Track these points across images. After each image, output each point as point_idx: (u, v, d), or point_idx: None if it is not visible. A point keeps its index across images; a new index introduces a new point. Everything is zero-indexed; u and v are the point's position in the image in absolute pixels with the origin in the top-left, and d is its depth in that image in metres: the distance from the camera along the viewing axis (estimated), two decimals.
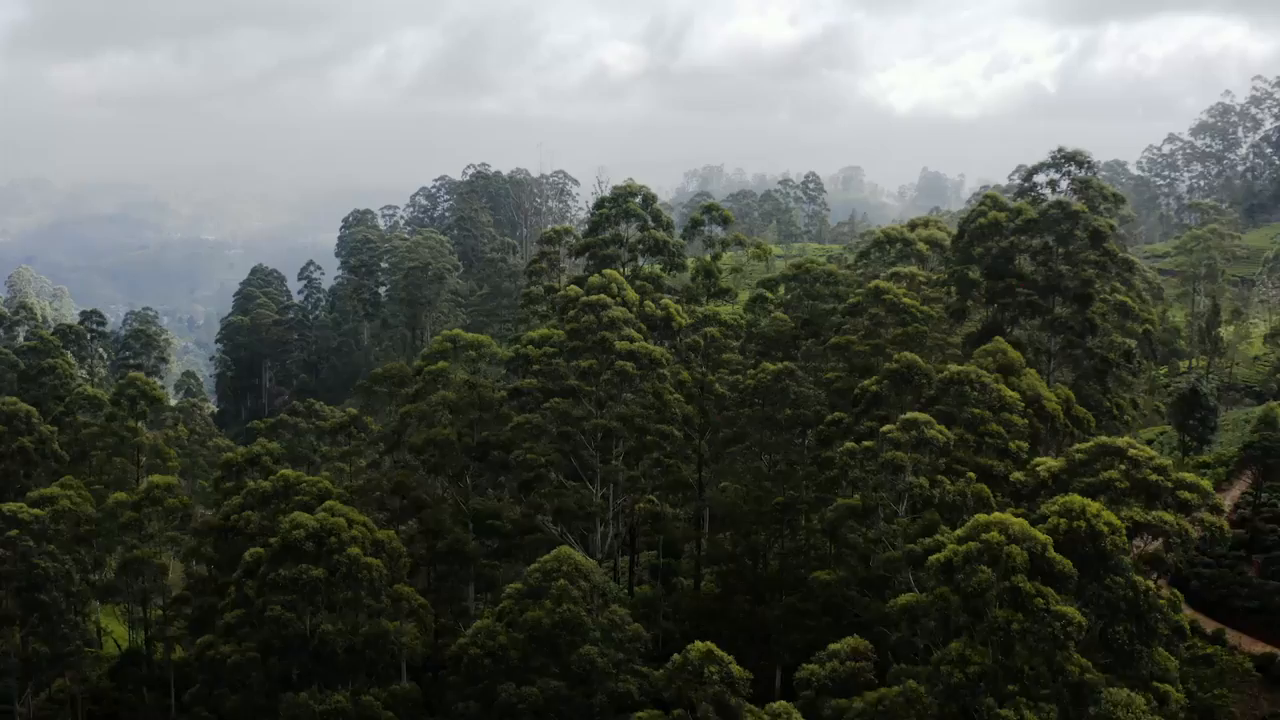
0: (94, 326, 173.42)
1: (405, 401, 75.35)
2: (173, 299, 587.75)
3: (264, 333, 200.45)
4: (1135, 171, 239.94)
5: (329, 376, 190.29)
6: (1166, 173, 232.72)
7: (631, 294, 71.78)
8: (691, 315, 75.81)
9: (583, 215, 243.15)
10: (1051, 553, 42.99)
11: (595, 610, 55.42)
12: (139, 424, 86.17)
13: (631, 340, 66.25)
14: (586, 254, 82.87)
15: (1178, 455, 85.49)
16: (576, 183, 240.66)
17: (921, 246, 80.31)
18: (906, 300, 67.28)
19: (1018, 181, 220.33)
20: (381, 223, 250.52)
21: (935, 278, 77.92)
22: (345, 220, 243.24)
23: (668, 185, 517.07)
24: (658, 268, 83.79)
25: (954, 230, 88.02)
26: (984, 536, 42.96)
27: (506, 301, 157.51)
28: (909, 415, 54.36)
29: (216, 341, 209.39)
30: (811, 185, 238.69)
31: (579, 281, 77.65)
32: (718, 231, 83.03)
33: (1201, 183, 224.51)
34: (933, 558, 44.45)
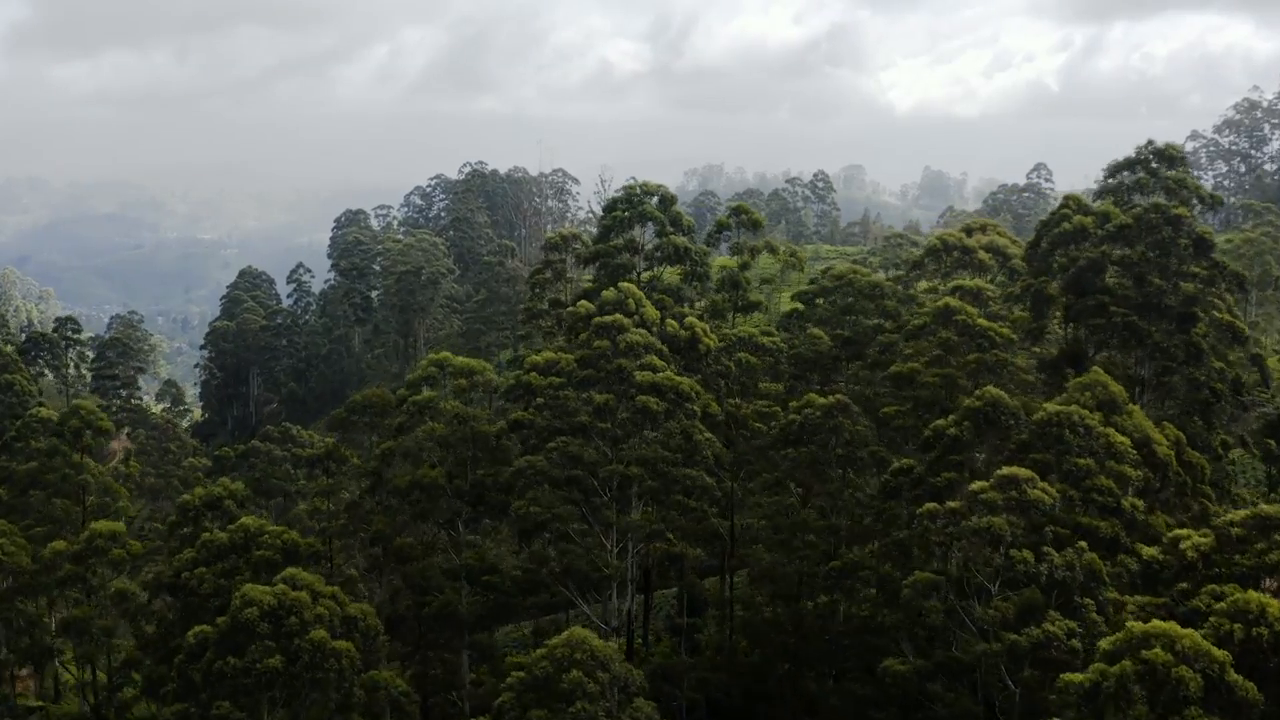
0: (69, 334, 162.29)
1: (388, 436, 64.15)
2: (167, 299, 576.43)
3: (250, 338, 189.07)
4: None
5: (318, 384, 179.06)
6: (1192, 172, 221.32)
7: (651, 311, 60.61)
8: (719, 334, 64.49)
9: (583, 215, 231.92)
10: (1231, 674, 32.00)
11: (615, 707, 44.42)
12: (84, 458, 74.79)
13: (654, 369, 55.07)
14: (596, 263, 71.65)
15: (1263, 490, 74.69)
16: (577, 181, 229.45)
17: (983, 256, 69.01)
18: (982, 323, 56.01)
19: (1034, 180, 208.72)
20: (375, 223, 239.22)
21: (1001, 293, 66.72)
22: (337, 220, 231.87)
23: (668, 184, 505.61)
24: (676, 276, 72.70)
25: (1011, 235, 77.00)
26: (1144, 654, 31.91)
27: (505, 308, 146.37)
28: (1006, 471, 43.28)
29: (201, 348, 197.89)
30: (820, 184, 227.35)
31: (589, 295, 66.54)
32: (747, 238, 71.86)
33: (1228, 182, 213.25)
34: (1067, 678, 33.40)
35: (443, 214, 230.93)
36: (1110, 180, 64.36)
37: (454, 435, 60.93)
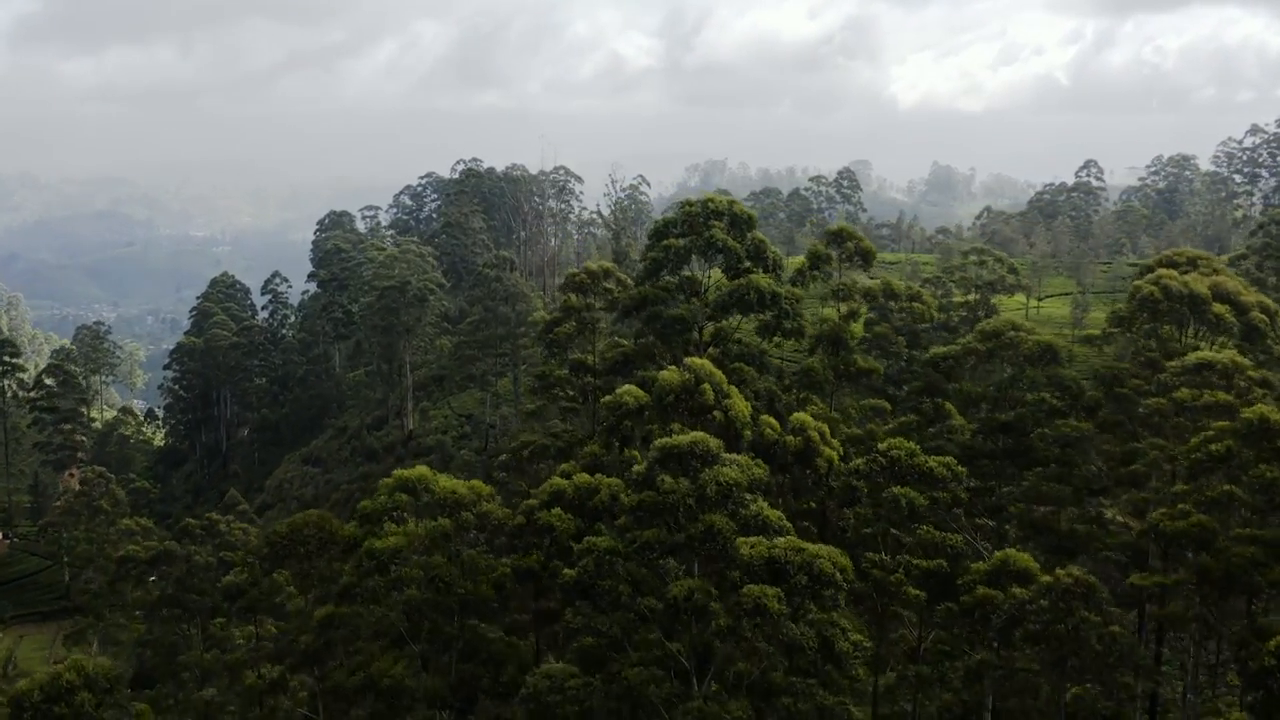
0: (6, 359, 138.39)
1: (331, 600, 40.45)
2: (158, 298, 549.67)
3: (220, 356, 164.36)
4: (1209, 167, 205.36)
5: (293, 409, 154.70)
6: (1247, 169, 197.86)
7: (740, 405, 37.24)
8: (842, 437, 40.66)
9: (586, 215, 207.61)
10: None
11: None
12: None
13: (766, 527, 31.34)
14: (641, 312, 47.84)
15: None
16: (580, 180, 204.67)
17: (1219, 310, 44.82)
18: None
19: (1083, 179, 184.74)
20: (361, 225, 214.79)
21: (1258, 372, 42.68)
22: (320, 223, 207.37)
23: (668, 180, 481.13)
24: (748, 324, 49.12)
25: (1238, 278, 53.42)
26: None
27: (503, 329, 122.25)
28: None
29: (165, 367, 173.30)
30: (846, 182, 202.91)
31: (629, 361, 42.90)
32: (852, 272, 48.06)
33: None
34: None
35: (434, 215, 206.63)
36: None
37: (427, 602, 37.33)
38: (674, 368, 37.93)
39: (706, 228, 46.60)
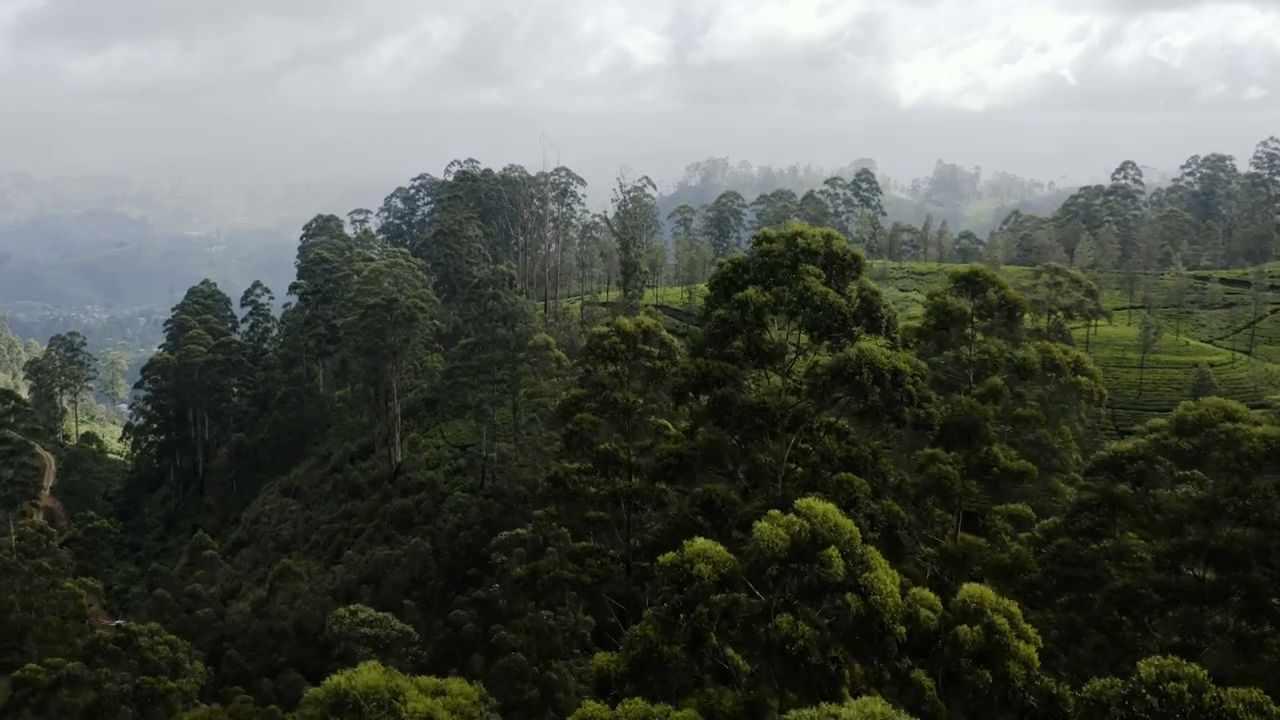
0: None
1: None
2: (151, 298, 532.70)
3: (196, 374, 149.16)
4: (1249, 169, 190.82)
5: (271, 434, 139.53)
6: None
7: (887, 583, 21.92)
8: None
9: (589, 219, 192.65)
10: None
11: None
12: None
13: None
14: (706, 394, 32.86)
15: None
16: (583, 182, 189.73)
17: None
18: None
19: (1120, 180, 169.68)
20: (350, 229, 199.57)
21: None
22: (307, 227, 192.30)
23: (669, 179, 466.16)
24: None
25: None
26: None
27: (501, 353, 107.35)
28: None
29: (136, 386, 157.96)
30: (865, 184, 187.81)
31: (682, 467, 28.13)
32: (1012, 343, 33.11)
33: None
34: None
35: (428, 219, 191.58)
36: None
37: None
38: (775, 515, 23.25)
39: (795, 274, 31.84)
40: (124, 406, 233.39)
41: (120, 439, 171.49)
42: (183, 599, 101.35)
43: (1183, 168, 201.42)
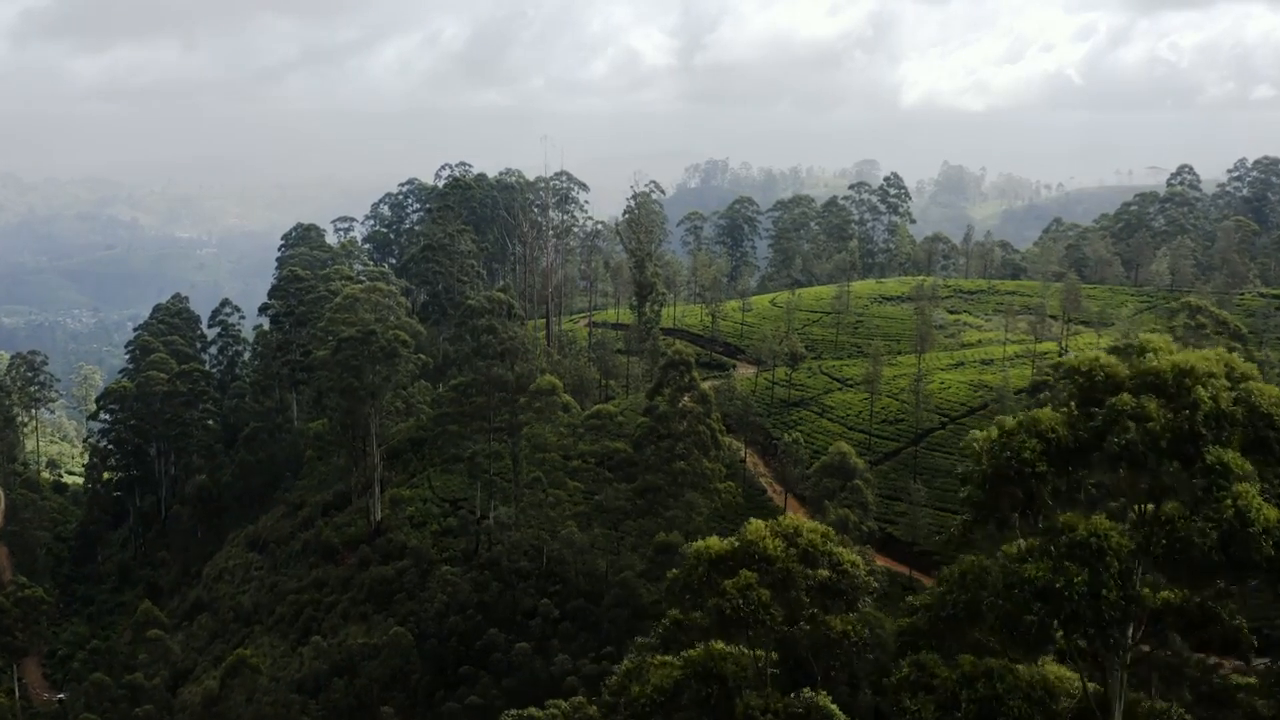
0: None
1: None
2: (139, 302, 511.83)
3: (157, 404, 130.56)
4: None
5: (234, 477, 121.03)
6: None
7: None
8: None
9: (590, 227, 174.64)
10: None
11: None
12: None
13: None
14: None
15: None
16: (585, 187, 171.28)
17: None
18: None
19: (1176, 185, 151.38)
20: (333, 238, 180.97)
21: None
22: (286, 237, 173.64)
23: (667, 180, 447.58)
24: None
25: None
26: None
27: (501, 394, 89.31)
28: None
29: (89, 417, 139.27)
30: (894, 190, 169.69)
31: None
32: None
33: None
34: None
35: (417, 229, 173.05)
36: None
37: None
38: None
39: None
40: (96, 425, 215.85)
41: (85, 462, 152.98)
42: (125, 688, 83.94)
43: (1229, 172, 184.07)
